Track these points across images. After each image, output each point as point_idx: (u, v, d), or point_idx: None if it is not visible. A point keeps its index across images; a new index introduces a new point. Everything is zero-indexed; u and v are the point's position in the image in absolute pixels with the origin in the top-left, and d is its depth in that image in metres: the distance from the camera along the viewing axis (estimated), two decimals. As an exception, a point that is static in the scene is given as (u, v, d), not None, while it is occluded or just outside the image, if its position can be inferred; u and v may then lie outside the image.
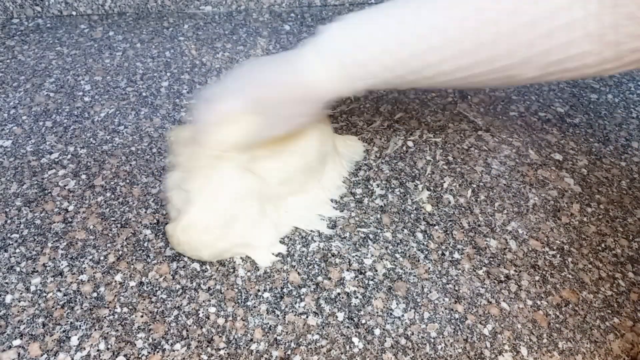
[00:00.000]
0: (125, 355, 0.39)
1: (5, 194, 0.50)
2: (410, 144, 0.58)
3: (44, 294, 0.42)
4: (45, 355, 0.38)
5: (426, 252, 0.47)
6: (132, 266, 0.44)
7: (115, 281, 0.43)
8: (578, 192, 0.54)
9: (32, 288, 0.43)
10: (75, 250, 0.45)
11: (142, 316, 0.41)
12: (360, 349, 0.40)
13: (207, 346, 0.39)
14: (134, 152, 0.55)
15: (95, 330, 0.40)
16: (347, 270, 0.45)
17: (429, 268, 0.46)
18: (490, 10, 0.38)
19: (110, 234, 0.47)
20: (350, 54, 0.43)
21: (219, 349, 0.39)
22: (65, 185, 0.51)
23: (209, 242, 0.44)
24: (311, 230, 0.48)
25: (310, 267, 0.45)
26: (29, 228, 0.47)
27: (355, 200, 0.52)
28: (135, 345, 0.39)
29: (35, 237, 0.46)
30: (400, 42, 0.41)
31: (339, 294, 0.44)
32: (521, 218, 0.51)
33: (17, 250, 0.45)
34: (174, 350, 0.39)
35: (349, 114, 0.62)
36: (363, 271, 0.45)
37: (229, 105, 0.45)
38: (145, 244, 0.46)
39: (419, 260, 0.46)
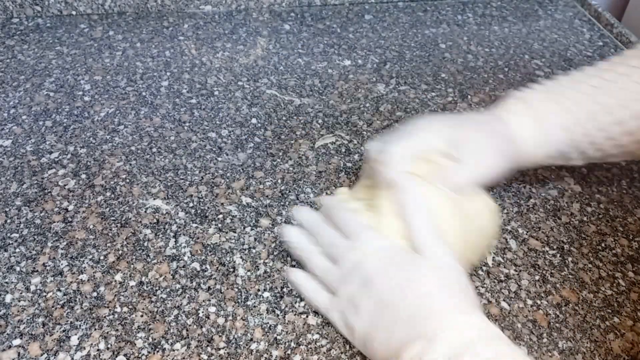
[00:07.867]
0: (125, 355, 0.39)
1: (5, 194, 0.50)
2: (410, 143, 0.58)
3: (44, 294, 0.42)
4: (45, 355, 0.38)
5: (426, 252, 0.47)
6: (132, 266, 0.44)
7: (115, 281, 0.43)
8: (578, 192, 0.54)
9: (32, 288, 0.43)
10: (75, 250, 0.45)
11: (142, 316, 0.41)
12: (360, 349, 0.40)
13: (207, 346, 0.39)
14: (133, 152, 0.55)
15: (95, 329, 0.40)
16: (347, 269, 0.45)
17: (429, 268, 0.46)
18: None
19: (110, 234, 0.47)
20: (553, 119, 0.44)
21: (219, 349, 0.39)
22: (65, 185, 0.51)
23: None
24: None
25: (310, 266, 0.45)
26: (29, 228, 0.47)
27: (355, 199, 0.51)
28: (135, 344, 0.39)
29: (35, 237, 0.46)
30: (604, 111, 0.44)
31: (339, 293, 0.44)
32: (521, 217, 0.51)
33: (17, 250, 0.45)
34: (174, 350, 0.39)
35: (349, 113, 0.62)
36: (363, 271, 0.45)
37: (421, 139, 0.42)
38: (145, 244, 0.46)
39: (419, 260, 0.46)
